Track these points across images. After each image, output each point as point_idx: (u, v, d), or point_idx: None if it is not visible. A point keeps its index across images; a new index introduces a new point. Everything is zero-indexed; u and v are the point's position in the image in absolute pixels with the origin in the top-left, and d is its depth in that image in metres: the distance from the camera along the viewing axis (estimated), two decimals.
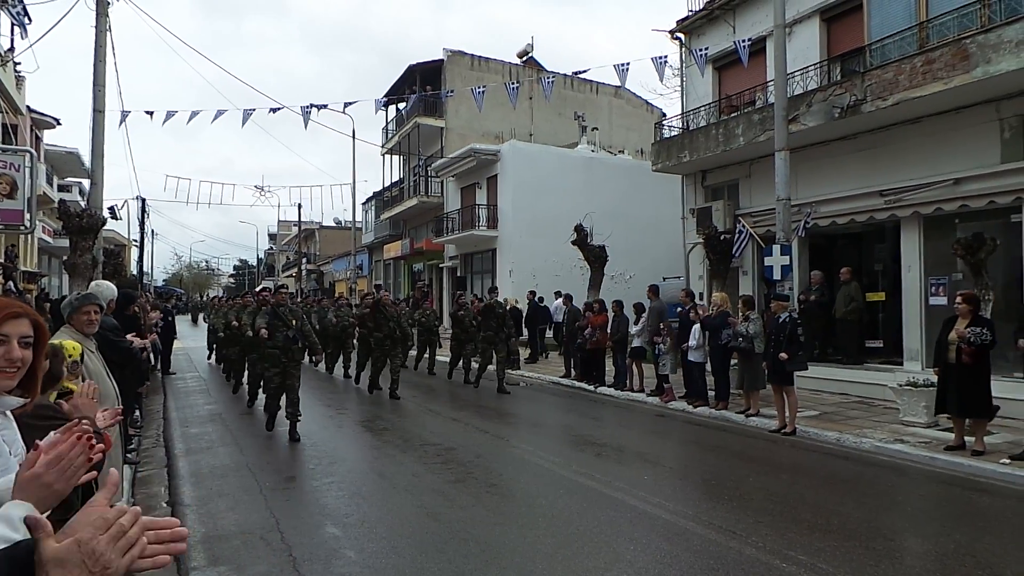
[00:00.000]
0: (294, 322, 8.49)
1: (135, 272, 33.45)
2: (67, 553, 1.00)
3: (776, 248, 10.59)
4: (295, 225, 47.59)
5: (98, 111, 11.19)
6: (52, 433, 1.48)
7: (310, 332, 8.98)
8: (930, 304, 10.55)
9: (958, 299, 7.34)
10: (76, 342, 3.93)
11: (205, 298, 62.22)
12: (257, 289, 19.14)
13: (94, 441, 1.42)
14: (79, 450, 1.36)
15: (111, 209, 25.68)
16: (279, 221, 60.96)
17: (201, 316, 40.83)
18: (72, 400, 2.32)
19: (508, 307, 13.45)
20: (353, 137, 28.74)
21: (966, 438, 7.22)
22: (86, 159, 18.00)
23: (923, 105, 9.92)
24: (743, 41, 12.65)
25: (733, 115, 13.58)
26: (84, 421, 1.77)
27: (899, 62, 9.98)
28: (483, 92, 15.08)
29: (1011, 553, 4.58)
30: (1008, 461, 6.66)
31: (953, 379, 7.11)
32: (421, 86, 27.40)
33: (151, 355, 12.79)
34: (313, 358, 9.29)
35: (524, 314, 18.00)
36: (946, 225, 10.45)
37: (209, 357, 17.73)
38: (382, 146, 32.68)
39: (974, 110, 9.82)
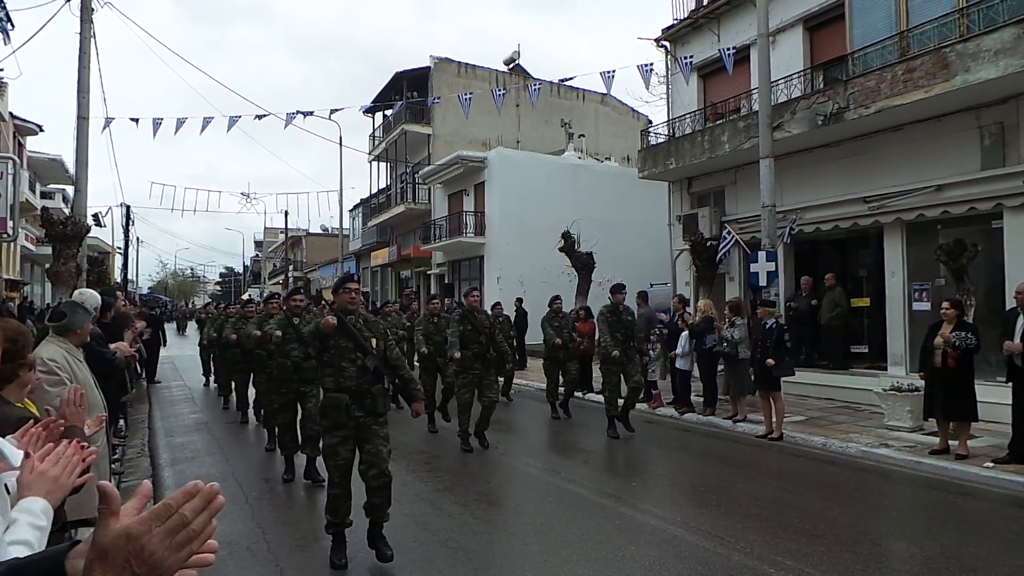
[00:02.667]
0: (374, 341, 4.68)
1: (119, 280, 33.10)
2: (113, 545, 0.82)
3: (762, 254, 10.67)
4: (282, 232, 47.38)
5: (82, 118, 11.11)
6: (9, 437, 1.53)
7: (403, 364, 4.95)
8: (914, 309, 10.66)
9: (944, 304, 7.43)
10: (64, 352, 3.89)
11: (191, 306, 61.56)
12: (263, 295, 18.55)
13: (84, 444, 1.50)
14: (72, 449, 1.47)
15: (95, 216, 25.41)
16: (265, 228, 60.65)
17: (190, 325, 39.94)
18: (59, 409, 2.30)
19: (496, 316, 10.12)
20: (340, 144, 28.71)
21: (950, 442, 7.30)
22: (70, 166, 17.87)
23: (905, 113, 10.05)
24: (728, 49, 12.76)
25: (718, 122, 13.68)
26: (67, 425, 1.77)
27: (881, 70, 10.10)
28: (470, 99, 15.11)
29: (995, 556, 4.63)
30: (992, 465, 6.74)
31: (939, 383, 7.19)
32: (408, 93, 27.41)
33: (138, 364, 12.69)
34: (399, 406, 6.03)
35: (512, 321, 17.97)
36: (928, 231, 10.58)
37: (209, 383, 14.30)
38: (369, 153, 32.63)
39: (954, 118, 9.95)
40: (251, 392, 9.76)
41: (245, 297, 17.72)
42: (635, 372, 8.89)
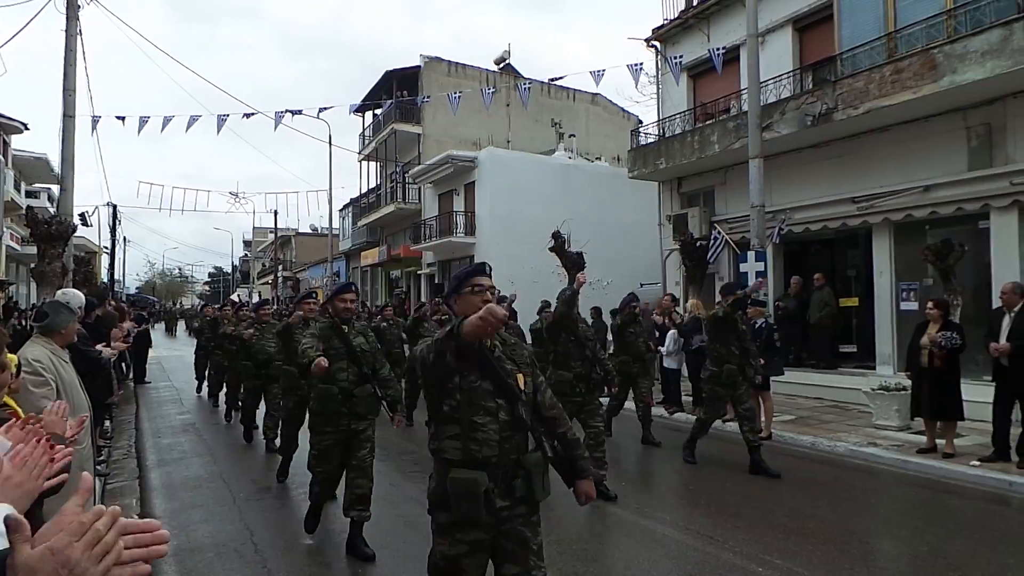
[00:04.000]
0: (521, 379, 2.89)
1: (105, 280, 32.81)
2: (39, 561, 0.93)
3: (751, 254, 10.71)
4: (271, 232, 47.13)
5: (68, 116, 10.99)
6: None
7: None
8: (901, 309, 10.73)
9: (929, 304, 7.49)
10: (48, 353, 3.84)
11: (179, 306, 60.98)
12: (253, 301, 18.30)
13: (52, 443, 1.49)
14: (40, 451, 1.45)
15: (81, 215, 25.15)
16: (254, 228, 60.33)
17: (182, 327, 39.26)
18: (43, 420, 2.27)
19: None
20: (329, 143, 28.55)
21: (937, 441, 7.35)
22: (55, 165, 17.70)
23: (893, 114, 10.12)
24: (717, 50, 12.81)
25: (708, 123, 13.73)
26: (49, 433, 1.75)
27: (869, 71, 10.16)
28: (459, 97, 15.08)
29: (981, 554, 4.66)
30: (978, 463, 6.79)
31: (926, 383, 7.24)
32: (398, 92, 27.33)
33: (124, 365, 12.57)
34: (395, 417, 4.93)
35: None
36: (916, 231, 10.65)
37: (202, 389, 13.05)
38: (359, 152, 32.52)
39: (942, 119, 10.03)
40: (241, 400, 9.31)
41: (234, 298, 17.42)
42: (747, 396, 7.10)
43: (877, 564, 4.56)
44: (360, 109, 30.35)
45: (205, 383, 12.78)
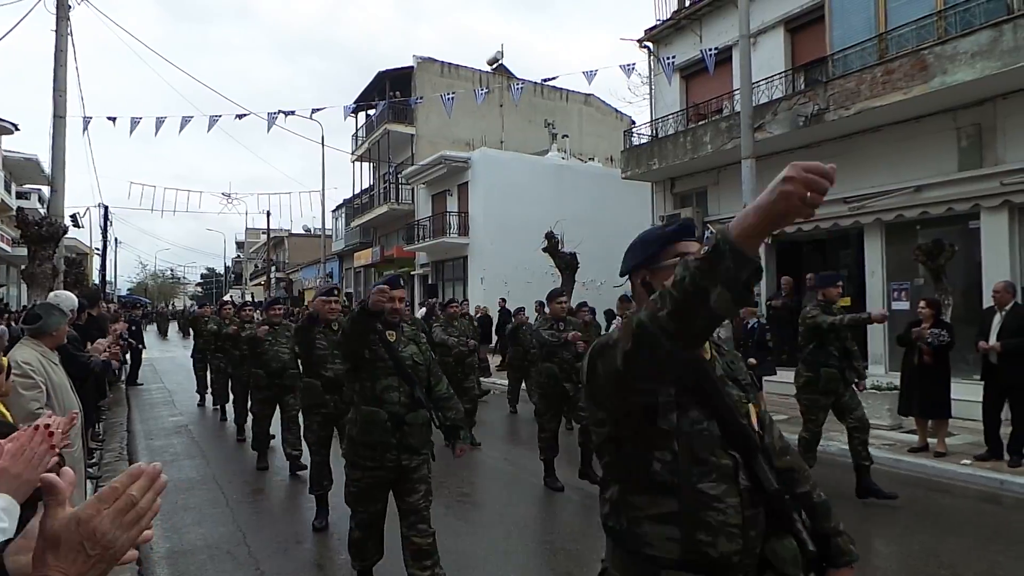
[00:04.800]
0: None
1: (96, 281, 32.63)
2: (64, 531, 0.84)
3: None
4: (263, 233, 47.01)
5: (59, 117, 10.92)
6: None
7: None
8: (893, 309, 10.78)
9: (921, 303, 7.55)
10: (38, 355, 3.82)
11: (171, 307, 60.60)
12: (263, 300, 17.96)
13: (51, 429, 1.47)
14: (39, 438, 1.42)
15: (73, 217, 25.05)
16: (247, 229, 60.26)
17: (174, 328, 38.87)
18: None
19: (455, 315, 9.62)
20: (322, 144, 28.58)
21: (929, 439, 7.40)
22: (46, 166, 17.59)
23: (884, 114, 10.17)
24: (710, 50, 12.84)
25: (701, 123, 13.76)
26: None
27: (860, 72, 10.21)
28: (452, 99, 15.08)
29: (973, 553, 4.68)
30: (969, 462, 6.83)
31: (915, 381, 7.29)
32: (391, 93, 27.30)
33: (117, 367, 12.49)
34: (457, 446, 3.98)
35: (496, 321, 18.01)
36: (907, 232, 10.70)
37: (205, 402, 11.76)
38: (352, 153, 32.47)
39: (933, 119, 10.08)
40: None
41: (227, 299, 17.32)
42: (857, 404, 6.15)
43: (870, 563, 4.58)
44: (354, 111, 30.32)
45: (208, 392, 11.56)
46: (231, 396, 9.76)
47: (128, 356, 13.71)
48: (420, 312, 15.77)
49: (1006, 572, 4.37)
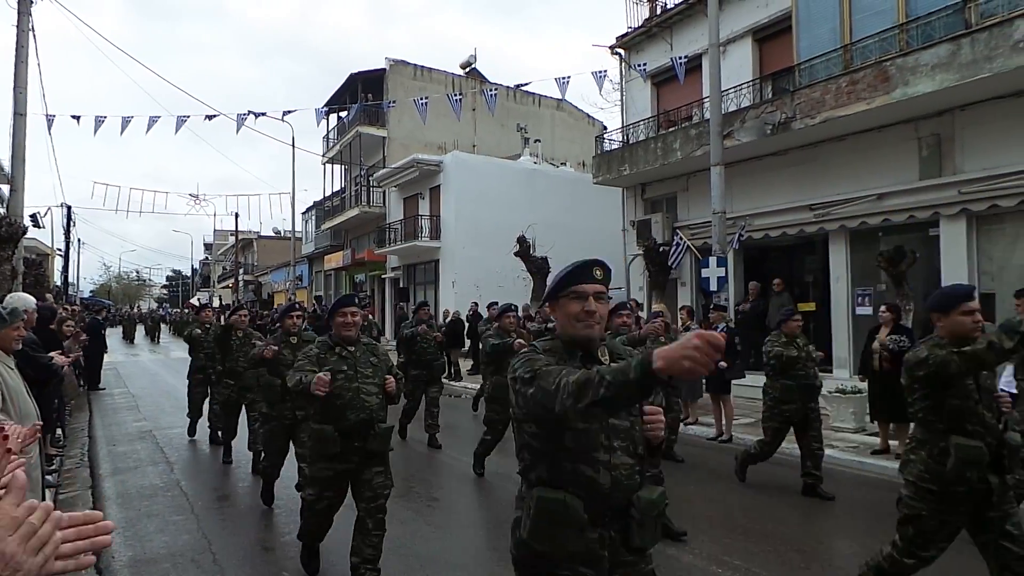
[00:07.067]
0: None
1: (59, 283, 31.83)
2: None
3: (712, 260, 10.89)
4: (232, 235, 46.28)
5: (19, 114, 10.69)
6: None
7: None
8: (857, 314, 11.02)
9: (882, 308, 7.74)
10: None
11: (137, 310, 59.28)
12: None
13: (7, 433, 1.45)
14: None
15: (33, 216, 24.39)
16: (215, 230, 59.23)
17: (141, 332, 37.40)
18: None
19: (450, 318, 9.42)
20: (293, 146, 28.24)
21: (891, 442, 7.56)
22: (5, 163, 17.13)
23: (848, 123, 10.40)
24: (680, 58, 13.01)
25: (671, 130, 13.93)
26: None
27: (826, 82, 10.43)
28: (426, 103, 15.04)
29: None
30: None
31: (878, 385, 7.45)
32: (363, 95, 27.14)
33: (76, 373, 12.19)
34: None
35: (467, 326, 17.97)
36: (870, 238, 10.95)
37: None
38: (323, 155, 32.19)
39: (895, 129, 10.34)
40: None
41: (194, 301, 16.94)
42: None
43: (833, 563, 4.67)
44: (326, 113, 30.05)
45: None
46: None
47: (82, 360, 13.33)
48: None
49: (967, 572, 4.48)
